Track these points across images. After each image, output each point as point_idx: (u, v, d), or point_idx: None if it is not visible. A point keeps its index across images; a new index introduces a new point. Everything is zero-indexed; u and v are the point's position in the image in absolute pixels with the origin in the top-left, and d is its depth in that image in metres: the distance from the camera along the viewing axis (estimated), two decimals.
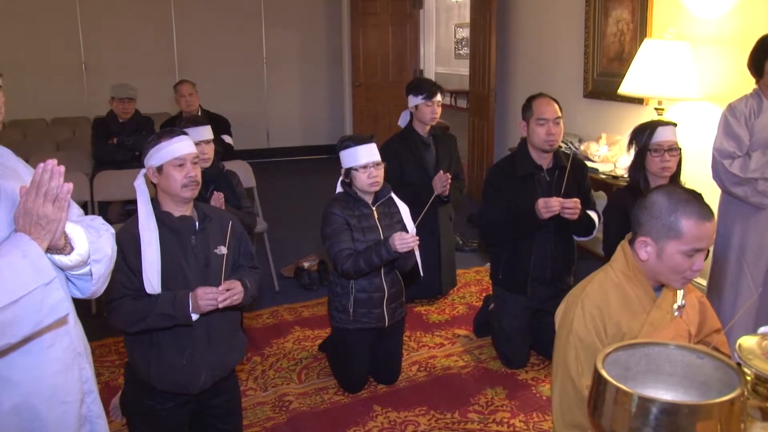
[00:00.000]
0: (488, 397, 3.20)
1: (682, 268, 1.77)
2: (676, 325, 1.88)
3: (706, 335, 2.05)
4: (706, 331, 2.05)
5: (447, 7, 15.87)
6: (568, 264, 3.46)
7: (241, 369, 3.42)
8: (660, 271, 1.81)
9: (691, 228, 1.73)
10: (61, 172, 1.40)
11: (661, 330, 1.85)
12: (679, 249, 1.75)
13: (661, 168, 2.99)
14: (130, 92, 5.15)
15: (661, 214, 1.77)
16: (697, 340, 2.01)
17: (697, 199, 1.78)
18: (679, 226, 1.74)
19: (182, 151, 2.42)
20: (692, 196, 1.79)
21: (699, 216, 1.74)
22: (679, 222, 1.74)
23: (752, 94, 3.18)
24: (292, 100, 9.49)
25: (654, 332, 1.83)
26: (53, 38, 8.12)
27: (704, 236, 1.74)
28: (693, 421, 1.13)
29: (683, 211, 1.74)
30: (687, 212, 1.74)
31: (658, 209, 1.79)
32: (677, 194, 1.80)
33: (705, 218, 1.75)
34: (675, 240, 1.75)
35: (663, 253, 1.78)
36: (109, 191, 4.50)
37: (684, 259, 1.75)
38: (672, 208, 1.76)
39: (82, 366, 1.62)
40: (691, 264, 1.76)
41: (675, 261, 1.76)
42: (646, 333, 1.83)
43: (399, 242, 2.90)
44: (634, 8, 4.67)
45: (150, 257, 2.32)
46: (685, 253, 1.75)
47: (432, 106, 4.07)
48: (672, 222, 1.75)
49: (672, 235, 1.75)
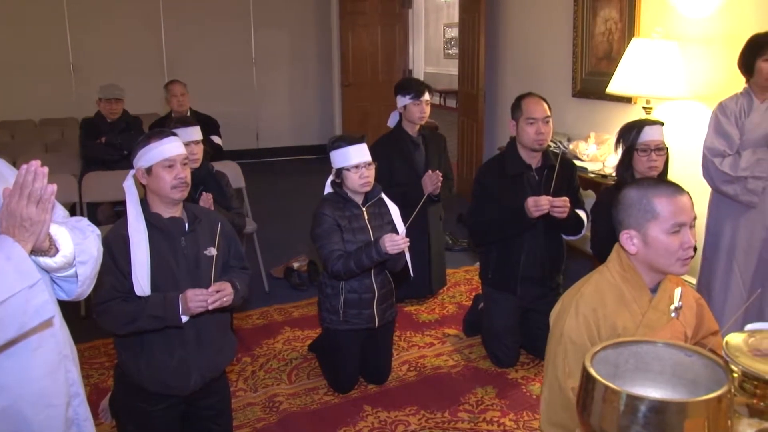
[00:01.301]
0: (478, 397, 3.20)
1: (673, 248, 1.77)
2: (672, 327, 1.87)
3: (702, 337, 2.04)
4: (703, 333, 2.05)
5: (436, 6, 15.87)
6: (557, 263, 3.47)
7: (231, 370, 3.41)
8: (653, 258, 1.81)
9: (665, 204, 1.76)
10: (45, 174, 1.39)
11: (658, 331, 1.84)
12: (661, 228, 1.76)
13: (648, 167, 3.00)
14: (116, 92, 5.12)
15: (634, 202, 1.81)
16: (694, 341, 2.00)
17: (666, 181, 1.84)
18: (653, 206, 1.77)
19: (172, 152, 2.41)
20: (660, 179, 1.83)
21: (669, 192, 1.78)
22: (652, 202, 1.77)
23: (743, 93, 3.21)
24: (281, 100, 9.47)
25: (650, 333, 1.82)
26: (41, 39, 8.06)
27: (680, 209, 1.76)
28: (681, 418, 1.13)
29: (653, 192, 1.79)
30: (657, 192, 1.78)
31: (630, 199, 1.83)
32: (644, 181, 1.87)
33: (676, 193, 1.78)
34: (654, 221, 1.77)
35: (648, 239, 1.79)
36: (98, 192, 4.47)
37: (670, 238, 1.76)
38: (642, 193, 1.80)
39: (69, 368, 1.61)
40: (680, 242, 1.76)
41: (662, 242, 1.77)
42: (641, 334, 1.82)
43: (389, 244, 2.90)
44: (622, 8, 4.69)
45: (139, 259, 2.30)
46: (668, 231, 1.76)
47: (420, 105, 4.07)
48: (645, 205, 1.78)
49: (650, 217, 1.78)
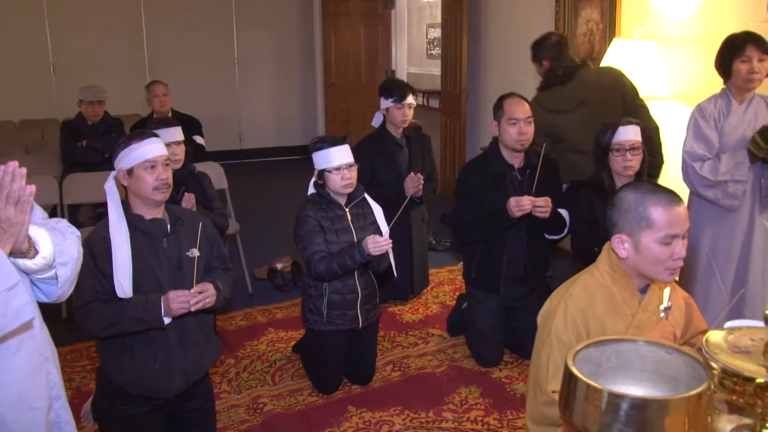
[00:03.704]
0: (462, 396, 3.21)
1: (663, 258, 1.76)
2: (661, 327, 1.87)
3: (692, 336, 2.05)
4: (691, 332, 2.05)
5: (419, 7, 15.88)
6: (540, 262, 3.49)
7: (215, 372, 3.39)
8: (642, 265, 1.81)
9: (661, 214, 1.75)
10: (23, 174, 1.38)
11: (647, 332, 1.84)
12: (654, 238, 1.76)
13: (623, 167, 3.03)
14: (99, 95, 5.07)
15: (630, 208, 1.79)
16: (683, 341, 2.01)
17: (664, 188, 1.81)
18: (649, 215, 1.76)
19: (153, 154, 2.40)
20: (658, 186, 1.81)
21: (667, 202, 1.76)
22: (648, 210, 1.76)
23: (721, 95, 3.20)
24: (264, 100, 9.44)
25: (640, 334, 1.81)
26: (20, 39, 7.96)
27: (676, 221, 1.75)
28: (662, 415, 1.14)
29: (651, 200, 1.77)
30: (654, 200, 1.77)
31: (627, 204, 1.81)
32: (643, 186, 1.83)
33: (674, 203, 1.76)
34: (648, 230, 1.76)
35: (640, 246, 1.78)
36: (79, 194, 4.44)
37: (661, 248, 1.76)
38: (639, 200, 1.78)
39: (50, 371, 1.59)
40: (671, 252, 1.76)
41: (653, 251, 1.77)
42: (631, 335, 1.81)
43: (372, 245, 2.90)
44: (603, 9, 4.72)
45: (121, 261, 2.29)
46: (660, 241, 1.75)
47: (402, 109, 4.07)
48: (641, 212, 1.77)
49: (644, 225, 1.77)
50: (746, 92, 3.15)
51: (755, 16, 3.53)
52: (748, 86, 3.10)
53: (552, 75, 3.78)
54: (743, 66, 3.06)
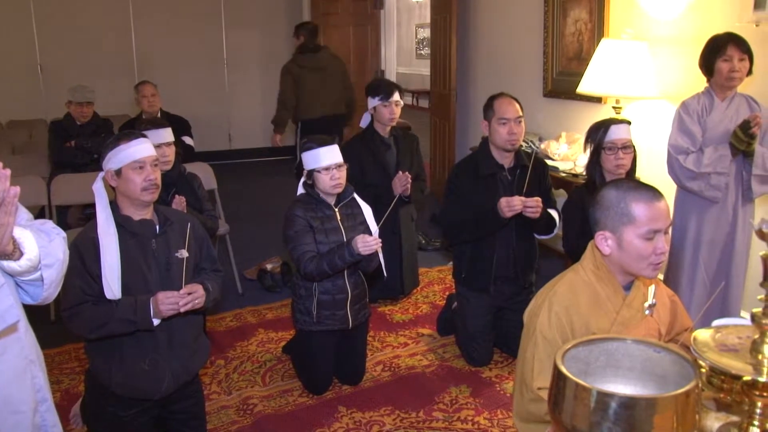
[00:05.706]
0: (452, 396, 3.21)
1: (646, 253, 1.77)
2: (646, 324, 1.88)
3: (677, 333, 2.05)
4: (677, 330, 2.06)
5: (408, 7, 15.89)
6: (530, 262, 3.50)
7: (205, 373, 3.38)
8: (625, 261, 1.82)
9: (643, 210, 1.76)
10: (7, 176, 1.36)
11: (632, 329, 1.84)
12: (636, 233, 1.77)
13: (615, 165, 3.05)
14: (88, 95, 5.04)
15: (612, 204, 1.81)
16: (668, 338, 2.01)
17: (645, 185, 1.82)
18: (631, 211, 1.77)
19: (141, 154, 2.39)
20: (640, 183, 1.83)
21: (648, 197, 1.77)
22: (630, 206, 1.77)
23: (704, 93, 3.31)
24: (253, 101, 9.41)
25: (624, 331, 1.82)
26: (7, 39, 7.92)
27: (657, 216, 1.76)
28: (650, 413, 1.14)
29: (632, 197, 1.78)
30: (636, 196, 1.78)
31: (609, 200, 1.82)
32: (624, 183, 1.85)
33: (654, 199, 1.78)
34: (630, 225, 1.77)
35: (623, 242, 1.79)
36: (68, 195, 4.41)
37: (644, 244, 1.77)
38: (621, 196, 1.80)
39: (35, 374, 1.58)
40: (654, 247, 1.76)
41: (636, 247, 1.78)
42: (616, 332, 1.82)
43: (362, 245, 2.90)
44: (592, 9, 4.74)
45: (110, 262, 2.28)
46: (642, 236, 1.76)
47: (389, 106, 4.06)
48: (623, 208, 1.78)
49: (626, 221, 1.78)
50: (728, 90, 3.25)
51: (741, 17, 3.56)
52: (729, 84, 3.20)
53: (306, 46, 5.91)
54: (725, 65, 3.17)
